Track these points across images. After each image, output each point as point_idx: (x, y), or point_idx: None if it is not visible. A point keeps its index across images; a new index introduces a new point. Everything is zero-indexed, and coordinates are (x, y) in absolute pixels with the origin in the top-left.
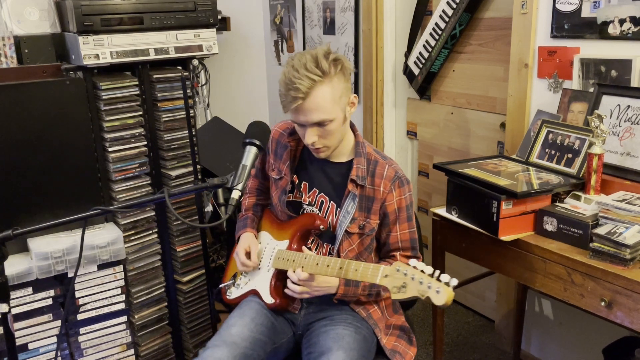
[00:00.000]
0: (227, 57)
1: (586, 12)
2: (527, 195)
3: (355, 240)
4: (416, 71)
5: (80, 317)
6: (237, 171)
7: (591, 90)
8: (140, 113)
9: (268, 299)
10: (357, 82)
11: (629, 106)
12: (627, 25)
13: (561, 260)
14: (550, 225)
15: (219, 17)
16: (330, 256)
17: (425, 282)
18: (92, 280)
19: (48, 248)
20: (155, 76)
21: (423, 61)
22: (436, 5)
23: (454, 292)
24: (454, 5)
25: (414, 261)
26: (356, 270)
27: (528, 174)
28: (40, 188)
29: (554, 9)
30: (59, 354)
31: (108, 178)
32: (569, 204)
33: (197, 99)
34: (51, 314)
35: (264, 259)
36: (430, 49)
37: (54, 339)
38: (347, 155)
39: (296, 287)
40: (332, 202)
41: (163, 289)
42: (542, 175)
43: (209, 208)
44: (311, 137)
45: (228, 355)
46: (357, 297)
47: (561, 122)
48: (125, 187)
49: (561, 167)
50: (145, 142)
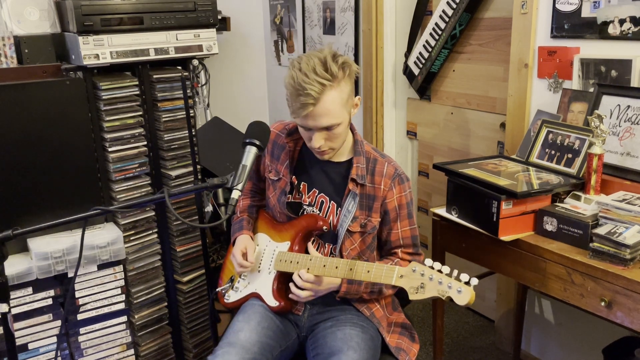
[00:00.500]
0: (227, 57)
1: (586, 12)
2: (527, 195)
3: (357, 239)
4: (416, 71)
5: (80, 317)
6: (237, 171)
7: (591, 90)
8: (140, 113)
9: (271, 302)
10: (357, 82)
11: (629, 106)
12: (627, 25)
13: (561, 260)
14: (550, 225)
15: (219, 17)
16: (332, 256)
17: (445, 282)
18: (92, 280)
19: (48, 248)
20: (155, 76)
21: (423, 61)
22: (436, 5)
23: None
24: (454, 5)
25: (429, 261)
26: (368, 271)
27: (528, 174)
28: (40, 188)
29: (554, 9)
30: (59, 354)
31: (108, 178)
32: (569, 204)
33: (197, 99)
34: (51, 314)
35: (263, 261)
36: (430, 49)
37: (54, 339)
38: (346, 155)
39: (301, 293)
40: (332, 201)
41: (163, 289)
42: (542, 175)
43: (209, 208)
44: (318, 141)
45: None
46: (359, 295)
47: (561, 122)
48: (125, 187)
49: (561, 167)
50: (145, 142)
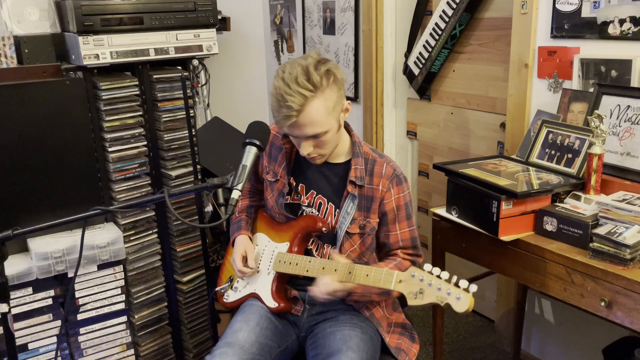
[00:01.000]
0: (227, 57)
1: (586, 12)
2: (527, 195)
3: (356, 240)
4: (416, 71)
5: (80, 317)
6: (237, 171)
7: (591, 90)
8: (140, 113)
9: (271, 303)
10: (357, 82)
11: (629, 106)
12: (627, 25)
13: (561, 260)
14: (550, 225)
15: (219, 17)
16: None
17: (444, 288)
18: (92, 280)
19: (48, 248)
20: (155, 76)
21: (423, 61)
22: (436, 5)
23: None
24: (454, 5)
25: (428, 266)
26: (367, 275)
27: (528, 174)
28: (40, 188)
29: (554, 9)
30: (59, 354)
31: (108, 178)
32: (569, 204)
33: (197, 99)
34: (51, 314)
35: (263, 261)
36: (430, 49)
37: (54, 339)
38: (344, 156)
39: (324, 296)
40: (330, 203)
41: (163, 289)
42: (542, 175)
43: (209, 208)
44: (307, 149)
45: None
46: (370, 298)
47: (561, 122)
48: (125, 187)
49: (561, 167)
50: (145, 142)
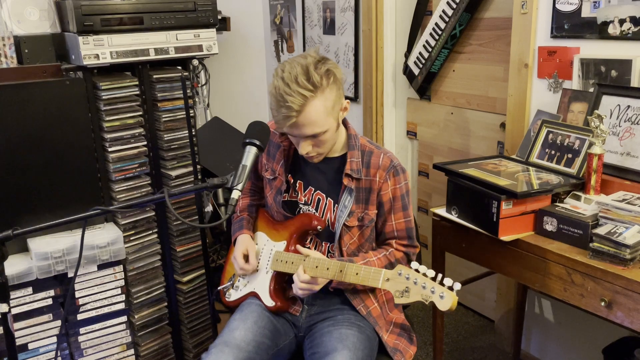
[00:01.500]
0: (227, 57)
1: (586, 12)
2: (527, 195)
3: (355, 233)
4: (416, 71)
5: (80, 317)
6: (237, 171)
7: (591, 90)
8: (140, 113)
9: (268, 302)
10: (357, 82)
11: (629, 106)
12: (627, 25)
13: (561, 260)
14: (550, 225)
15: (219, 17)
16: (330, 254)
17: (429, 286)
18: (92, 280)
19: (48, 248)
20: (155, 76)
21: (423, 61)
22: (436, 5)
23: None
24: (454, 5)
25: (415, 264)
26: (357, 273)
27: (528, 174)
28: (40, 188)
29: (554, 9)
30: (59, 354)
31: (108, 178)
32: (569, 204)
33: (197, 99)
34: (51, 314)
35: (262, 260)
36: (430, 49)
37: (54, 339)
38: (340, 150)
39: (300, 292)
40: (329, 198)
41: (163, 289)
42: (542, 175)
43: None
44: (305, 148)
45: (233, 359)
46: (352, 285)
47: (561, 122)
48: (125, 187)
49: (561, 167)
50: (145, 142)
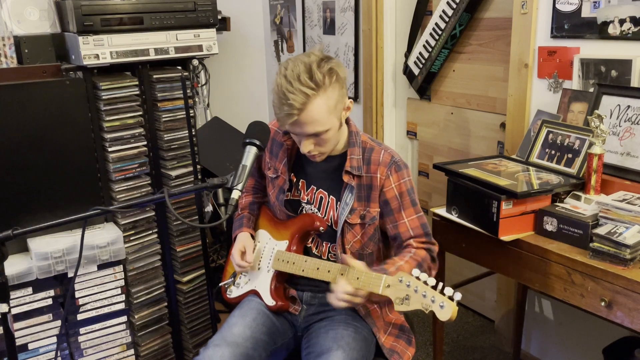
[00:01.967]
0: (227, 57)
1: (586, 12)
2: (527, 195)
3: (358, 231)
4: (416, 71)
5: (80, 317)
6: (237, 171)
7: (591, 90)
8: (140, 113)
9: (269, 301)
10: (357, 82)
11: (629, 106)
12: (627, 25)
13: (561, 260)
14: (550, 225)
15: (219, 17)
16: (331, 254)
17: (429, 295)
18: (92, 280)
19: (48, 248)
20: (155, 76)
21: (423, 61)
22: (436, 5)
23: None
24: (454, 5)
25: (416, 271)
26: (358, 278)
27: (528, 174)
28: (40, 188)
29: (554, 9)
30: (59, 354)
31: (108, 178)
32: (569, 204)
33: (197, 99)
34: (51, 314)
35: (263, 258)
36: (430, 49)
37: (54, 339)
38: (342, 148)
39: (341, 304)
40: (331, 196)
41: (163, 289)
42: (542, 175)
43: (209, 208)
44: (307, 147)
45: (230, 355)
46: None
47: (561, 122)
48: (125, 187)
49: (561, 167)
50: (145, 142)
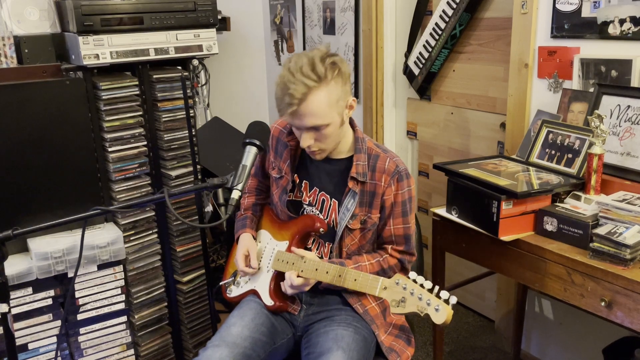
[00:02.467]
0: (227, 57)
1: (586, 12)
2: (527, 195)
3: (357, 235)
4: (416, 71)
5: (80, 317)
6: (237, 171)
7: (591, 90)
8: (140, 113)
9: (268, 301)
10: (357, 82)
11: (629, 106)
12: (627, 25)
13: (561, 260)
14: (550, 225)
15: (219, 17)
16: (331, 254)
17: (425, 298)
18: (92, 280)
19: (48, 248)
20: (155, 76)
21: (423, 61)
22: (436, 5)
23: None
24: (454, 5)
25: (413, 274)
26: (355, 280)
27: (528, 174)
28: (40, 188)
29: (554, 9)
30: (59, 354)
31: (108, 178)
32: (569, 204)
33: (197, 99)
34: (51, 314)
35: (263, 259)
36: (430, 49)
37: (54, 339)
38: (346, 152)
39: (289, 292)
40: (333, 199)
41: (163, 289)
42: (542, 175)
43: (209, 208)
44: (307, 141)
45: (228, 355)
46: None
47: (561, 122)
48: (125, 187)
49: (561, 167)
50: (145, 142)
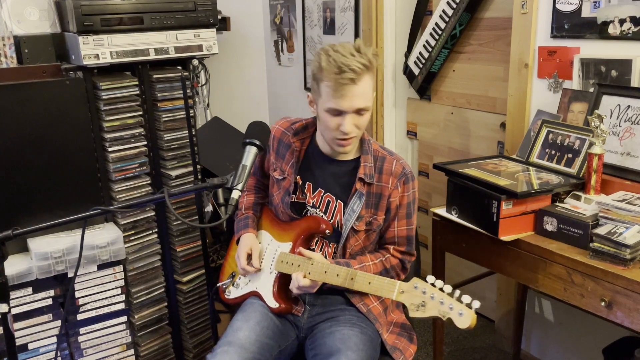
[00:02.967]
0: (227, 57)
1: (586, 12)
2: (527, 195)
3: (361, 236)
4: (416, 71)
5: (80, 317)
6: (237, 171)
7: (591, 90)
8: (140, 113)
9: (272, 303)
10: None
11: (629, 106)
12: (627, 25)
13: (561, 260)
14: (550, 225)
15: (219, 17)
16: (335, 255)
17: (447, 302)
18: (92, 280)
19: (48, 248)
20: (155, 76)
21: (423, 61)
22: (436, 5)
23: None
24: (454, 5)
25: (431, 278)
26: (369, 283)
27: (528, 174)
28: (40, 188)
29: (554, 9)
30: (59, 354)
31: (108, 178)
32: (569, 204)
33: (197, 99)
34: (51, 314)
35: (265, 260)
36: (430, 49)
37: (54, 339)
38: (352, 153)
39: (296, 291)
40: (339, 201)
41: (163, 289)
42: (542, 175)
43: (209, 208)
44: (350, 126)
45: (237, 359)
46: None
47: (561, 122)
48: (125, 187)
49: (561, 167)
50: (145, 142)
